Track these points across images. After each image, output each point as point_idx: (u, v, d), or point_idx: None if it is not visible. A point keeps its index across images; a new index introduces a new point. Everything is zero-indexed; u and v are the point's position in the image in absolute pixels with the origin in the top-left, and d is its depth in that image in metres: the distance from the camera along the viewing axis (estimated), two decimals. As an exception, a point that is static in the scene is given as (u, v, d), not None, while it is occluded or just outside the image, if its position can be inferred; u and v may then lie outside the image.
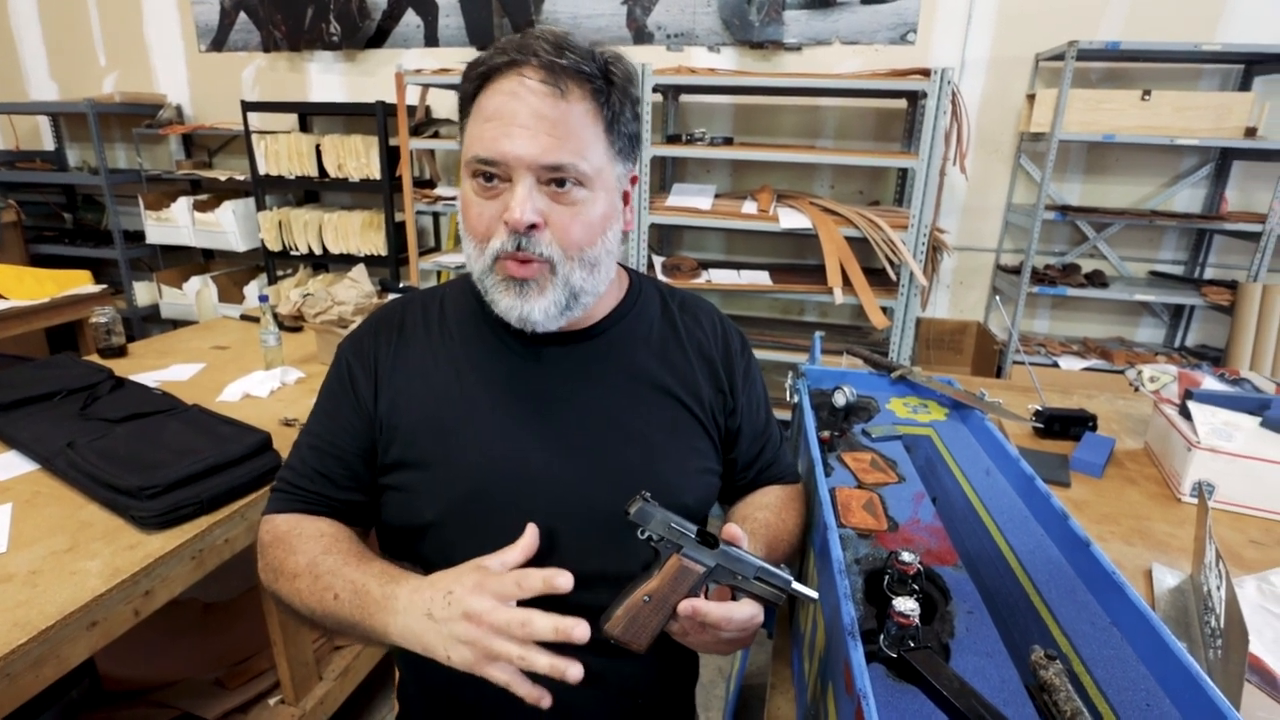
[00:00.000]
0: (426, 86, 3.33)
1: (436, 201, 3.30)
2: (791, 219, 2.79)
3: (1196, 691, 0.62)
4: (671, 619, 0.74)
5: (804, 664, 0.92)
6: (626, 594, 0.74)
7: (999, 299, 3.21)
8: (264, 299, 2.07)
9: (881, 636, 0.71)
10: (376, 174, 3.41)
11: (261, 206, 3.69)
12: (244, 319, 2.69)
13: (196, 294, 3.90)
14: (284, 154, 3.54)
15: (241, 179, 3.79)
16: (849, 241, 2.79)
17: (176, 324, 3.81)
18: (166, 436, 1.51)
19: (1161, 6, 2.84)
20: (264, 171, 3.60)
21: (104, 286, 3.26)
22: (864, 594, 0.80)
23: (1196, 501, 1.34)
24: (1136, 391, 1.71)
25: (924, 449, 1.21)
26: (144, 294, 4.07)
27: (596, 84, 0.78)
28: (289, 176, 3.57)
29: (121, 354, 2.20)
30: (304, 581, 0.81)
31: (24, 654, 1.03)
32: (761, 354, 2.92)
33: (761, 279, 2.99)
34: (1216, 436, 1.36)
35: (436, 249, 3.80)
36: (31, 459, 1.51)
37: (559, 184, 0.78)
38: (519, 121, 0.75)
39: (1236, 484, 1.33)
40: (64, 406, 1.67)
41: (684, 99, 3.42)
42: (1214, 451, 1.34)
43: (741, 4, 3.17)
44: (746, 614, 0.74)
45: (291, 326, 2.41)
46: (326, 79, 3.84)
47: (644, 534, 0.74)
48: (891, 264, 2.72)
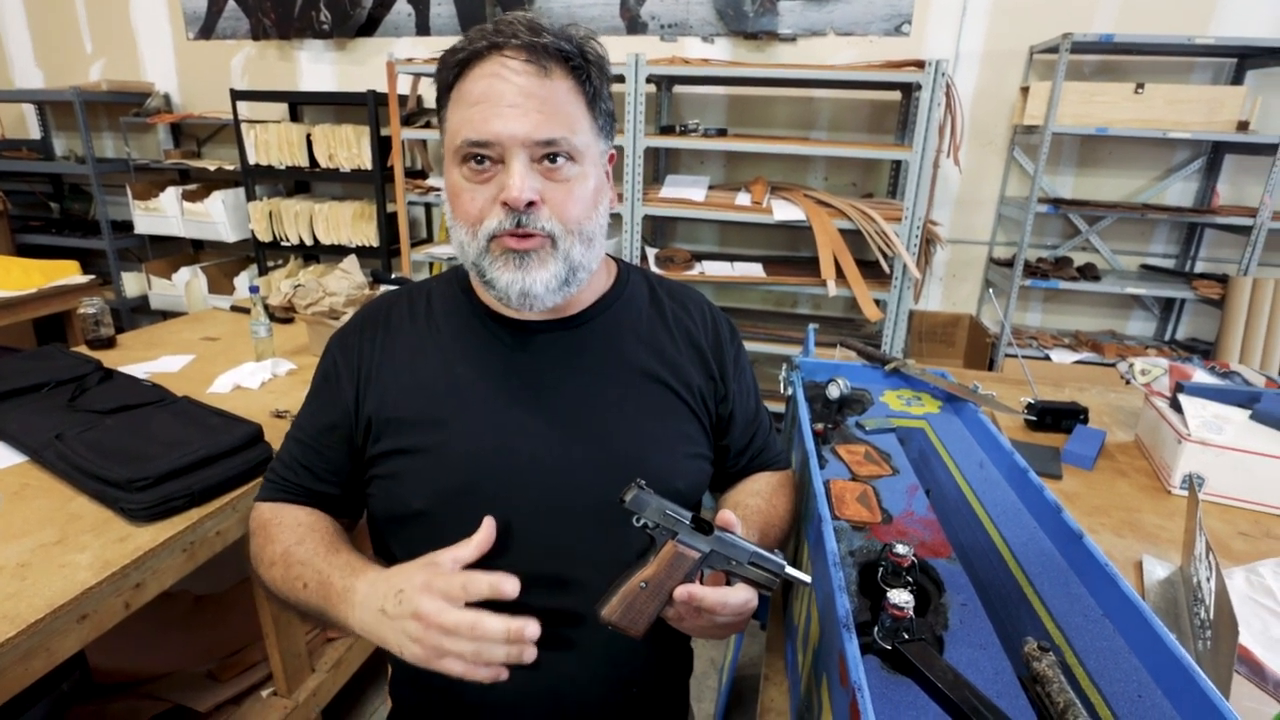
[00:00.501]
0: (418, 76, 3.31)
1: (429, 192, 3.28)
2: (785, 211, 2.79)
3: (1188, 683, 0.62)
4: (667, 605, 0.74)
5: (798, 655, 0.92)
6: (622, 580, 0.75)
7: (991, 292, 3.22)
8: (254, 290, 2.05)
9: (876, 629, 0.71)
10: (368, 164, 3.39)
11: (251, 197, 3.66)
12: (234, 310, 2.67)
13: (186, 285, 3.87)
14: (274, 144, 3.51)
15: (231, 169, 3.76)
16: (842, 234, 2.79)
17: (166, 315, 3.80)
18: (156, 428, 1.50)
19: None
20: (254, 161, 3.57)
21: (92, 277, 3.24)
22: (858, 586, 0.80)
23: (1187, 494, 1.35)
24: (1128, 384, 1.72)
25: (917, 441, 1.21)
26: (132, 285, 4.04)
27: (576, 62, 0.79)
28: (279, 166, 3.55)
29: (110, 345, 2.18)
30: (278, 570, 0.84)
31: (13, 647, 1.02)
32: (755, 346, 2.93)
33: (755, 271, 2.99)
34: (1207, 429, 1.36)
35: (429, 240, 3.78)
36: (19, 451, 1.49)
37: (550, 160, 0.78)
38: (507, 101, 0.75)
39: (1226, 476, 1.34)
40: (52, 398, 1.65)
41: (678, 90, 3.41)
42: (1204, 444, 1.34)
43: (735, -6, 3.16)
44: (741, 598, 0.75)
45: (282, 318, 2.40)
46: (317, 68, 3.81)
47: (639, 521, 0.74)
48: (885, 256, 2.72)
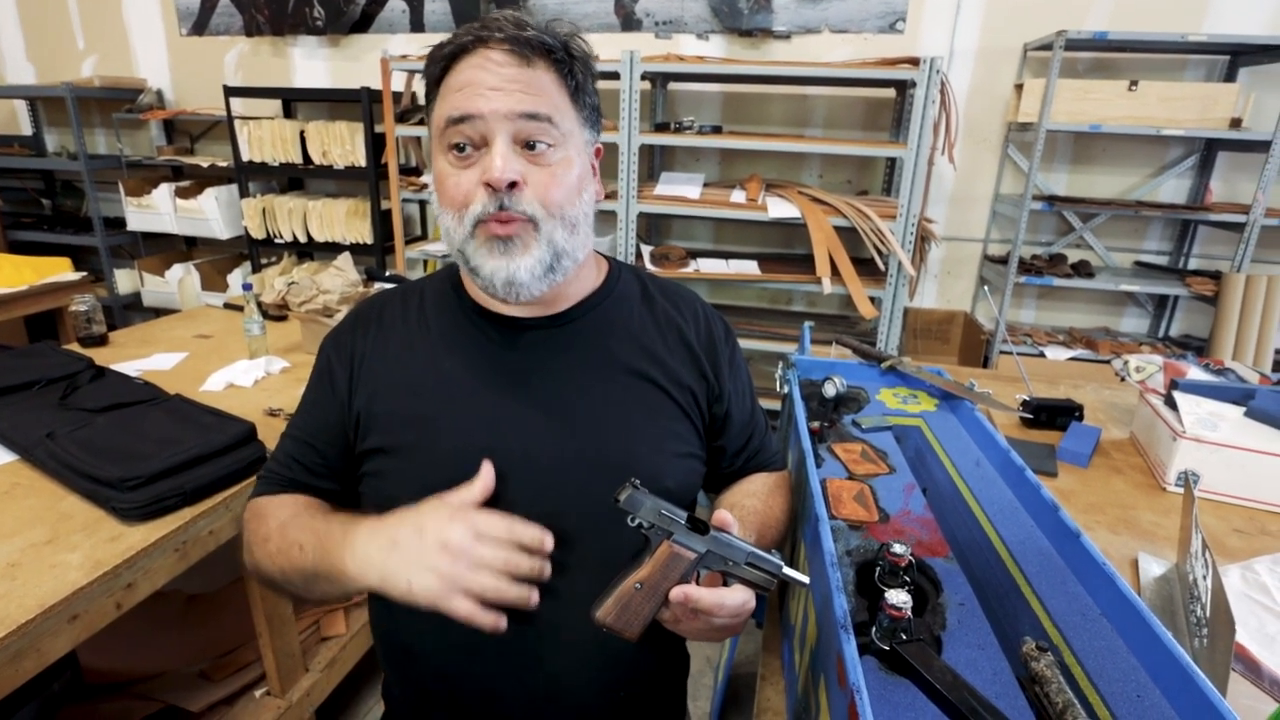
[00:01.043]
0: (412, 73, 3.29)
1: (423, 189, 3.27)
2: (780, 208, 2.78)
3: (1187, 682, 0.62)
4: (663, 606, 0.73)
5: (794, 655, 0.92)
6: (617, 582, 0.74)
7: (986, 289, 3.22)
8: (248, 287, 2.04)
9: (873, 629, 0.70)
10: (362, 161, 3.38)
11: (245, 193, 3.64)
12: (227, 307, 2.65)
13: (179, 282, 3.85)
14: (267, 140, 3.49)
15: (224, 165, 3.74)
16: (837, 231, 2.79)
17: (159, 312, 3.77)
18: (148, 427, 1.49)
19: (1149, -3, 2.85)
20: (247, 158, 3.55)
21: (84, 274, 3.22)
22: (855, 586, 0.80)
23: (1182, 491, 1.35)
24: (1122, 381, 1.72)
25: (914, 439, 1.21)
26: (125, 282, 4.01)
27: (559, 55, 0.81)
28: (273, 163, 3.53)
29: (102, 343, 2.17)
30: (274, 543, 0.85)
31: (3, 648, 1.01)
32: (750, 344, 2.93)
33: (750, 268, 2.99)
34: (1201, 426, 1.36)
35: (423, 237, 3.77)
36: (10, 450, 1.48)
37: (531, 146, 0.78)
38: (490, 84, 0.77)
39: (1221, 473, 1.34)
40: (43, 396, 1.64)
41: (672, 87, 3.40)
42: (1199, 441, 1.34)
43: (730, -9, 3.16)
44: (738, 600, 0.73)
45: (276, 315, 2.39)
46: (310, 64, 3.79)
47: (634, 521, 0.74)
48: (880, 254, 2.72)
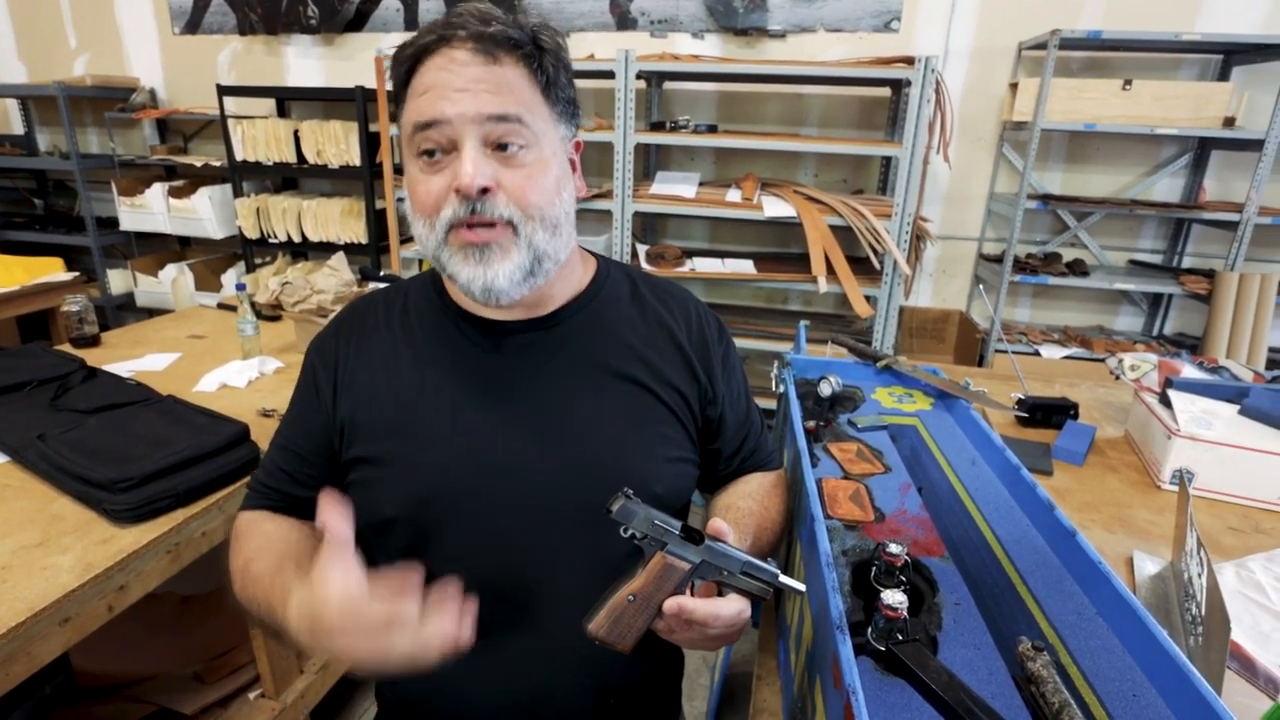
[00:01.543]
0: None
1: (416, 189, 3.25)
2: (775, 207, 2.78)
3: (1182, 681, 0.62)
4: (657, 617, 0.72)
5: (790, 655, 0.92)
6: (610, 594, 0.72)
7: (981, 287, 3.23)
8: (241, 287, 2.03)
9: (869, 629, 0.70)
10: (356, 160, 3.36)
11: (239, 193, 3.63)
12: (221, 308, 2.64)
13: (172, 282, 3.83)
14: (261, 140, 3.48)
15: (218, 165, 3.72)
16: (833, 230, 2.79)
17: (152, 313, 3.75)
18: (141, 428, 1.48)
19: (1143, -4, 2.86)
20: (241, 157, 3.54)
21: (76, 274, 3.21)
22: (851, 586, 0.80)
23: (1177, 489, 1.35)
24: (1117, 380, 1.73)
25: (909, 438, 1.21)
26: (118, 282, 4.00)
27: (526, 49, 0.77)
28: (267, 163, 3.52)
29: (94, 343, 2.16)
30: (239, 585, 0.83)
31: (-6, 651, 1.01)
32: (746, 343, 2.93)
33: (745, 268, 2.99)
34: (1196, 424, 1.37)
35: (417, 237, 3.76)
36: (0, 451, 1.47)
37: (503, 148, 0.75)
38: (456, 86, 0.73)
39: (1215, 471, 1.34)
40: (34, 397, 1.63)
41: (668, 86, 3.40)
42: (1193, 439, 1.35)
43: (725, -10, 3.15)
44: (733, 610, 0.72)
45: (270, 315, 2.37)
46: (304, 63, 3.77)
47: (627, 532, 0.72)
48: (875, 252, 2.72)
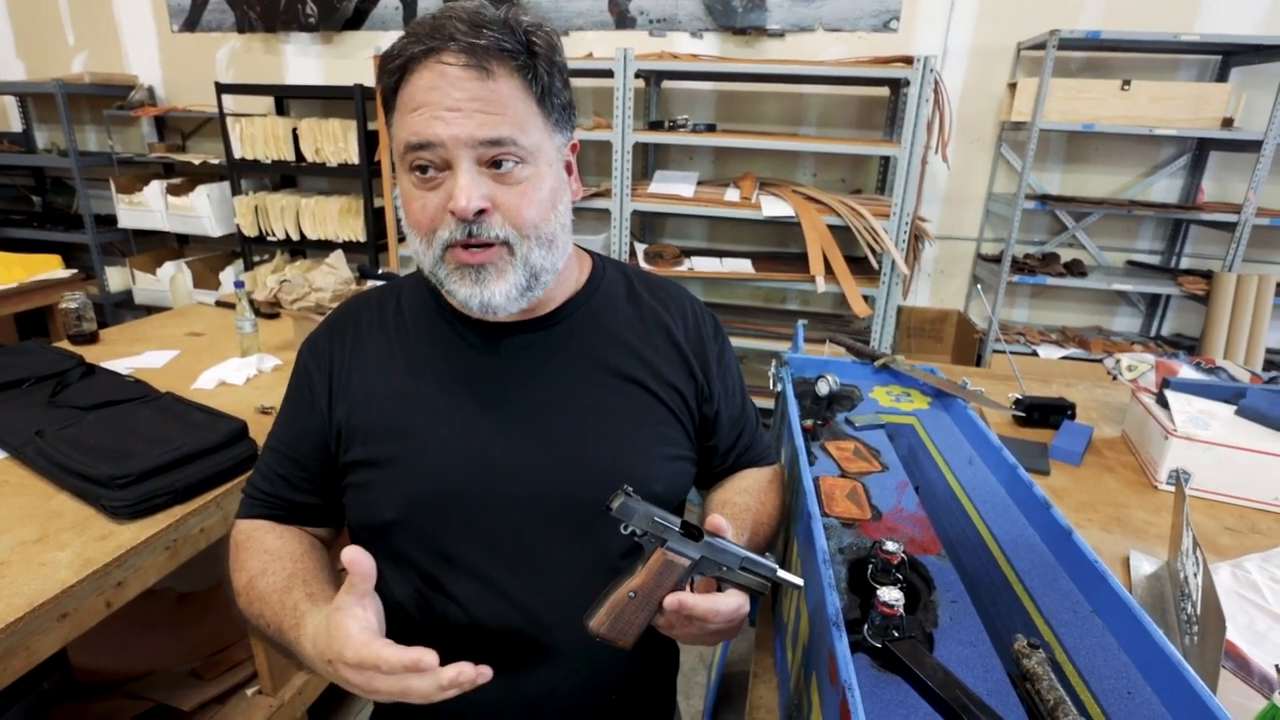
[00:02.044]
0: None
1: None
2: (774, 207, 2.78)
3: (1177, 679, 0.62)
4: (657, 613, 0.72)
5: (787, 653, 0.92)
6: (610, 591, 0.73)
7: (979, 288, 3.23)
8: (240, 285, 2.03)
9: (866, 626, 0.70)
10: (355, 159, 3.36)
11: (237, 191, 3.63)
12: (219, 305, 2.64)
13: (170, 279, 3.83)
14: (260, 137, 3.48)
15: (216, 163, 3.72)
16: (831, 229, 2.79)
17: (150, 310, 3.74)
18: (139, 425, 1.48)
19: (1141, -3, 2.86)
20: (239, 155, 3.53)
21: (74, 271, 3.20)
22: (848, 583, 0.80)
23: (1173, 489, 1.35)
24: (1114, 380, 1.73)
25: (907, 437, 1.21)
26: (116, 279, 3.99)
27: (520, 59, 0.74)
28: (265, 160, 3.51)
29: (93, 340, 2.16)
30: (243, 600, 0.83)
31: (-8, 647, 1.01)
32: (744, 342, 2.93)
33: (744, 267, 2.99)
34: (1193, 425, 1.37)
35: (416, 235, 3.76)
36: (-1, 448, 1.47)
37: (497, 165, 0.74)
38: (448, 105, 0.72)
39: (1212, 471, 1.34)
40: (33, 394, 1.63)
41: (666, 85, 3.40)
42: (1190, 439, 1.35)
43: (725, -11, 3.16)
44: (733, 605, 0.73)
45: (268, 313, 2.38)
46: (303, 61, 3.77)
47: (627, 529, 0.73)
48: (873, 252, 2.72)
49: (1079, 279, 2.97)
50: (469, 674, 0.64)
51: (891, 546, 0.76)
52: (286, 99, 3.83)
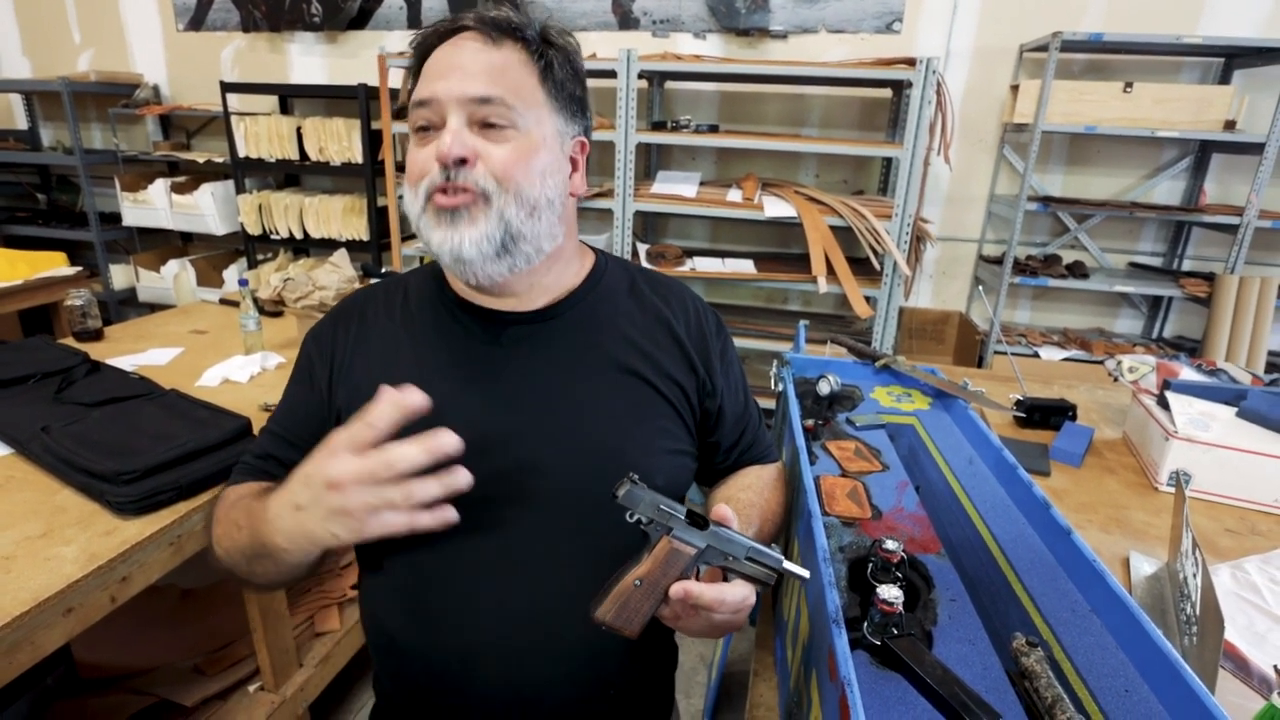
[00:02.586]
0: (409, 69, 3.29)
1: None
2: (776, 207, 2.79)
3: (1175, 678, 0.62)
4: (663, 603, 0.72)
5: (787, 651, 0.93)
6: (615, 579, 0.73)
7: (981, 289, 3.24)
8: (244, 283, 2.04)
9: (865, 624, 0.71)
10: (358, 158, 3.37)
11: (241, 189, 3.64)
12: (223, 303, 2.65)
13: (174, 277, 3.84)
14: (264, 136, 3.49)
15: (221, 161, 3.73)
16: (833, 230, 2.79)
17: (154, 308, 3.76)
18: (144, 421, 1.49)
19: (1144, -1, 2.86)
20: (243, 154, 3.54)
21: (79, 269, 3.21)
22: (848, 582, 0.80)
23: (1174, 490, 1.36)
24: (1115, 382, 1.73)
25: (907, 437, 1.21)
26: (120, 277, 4.00)
27: (528, 34, 0.81)
28: (269, 159, 3.52)
29: (97, 337, 2.17)
30: (221, 527, 0.84)
31: (-2, 641, 1.02)
32: (746, 342, 2.94)
33: (746, 267, 2.99)
34: (1193, 426, 1.37)
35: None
36: (4, 443, 1.48)
37: (489, 125, 0.79)
38: (453, 66, 0.79)
39: (1212, 473, 1.35)
40: (38, 390, 1.64)
41: (669, 85, 3.40)
42: (1191, 441, 1.35)
43: (728, -10, 3.16)
44: (739, 595, 0.72)
45: (272, 311, 2.38)
46: (307, 60, 3.78)
47: (633, 517, 0.72)
48: (875, 253, 2.73)
49: (1081, 281, 2.97)
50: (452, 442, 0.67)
51: (891, 545, 0.77)
52: (291, 98, 3.84)
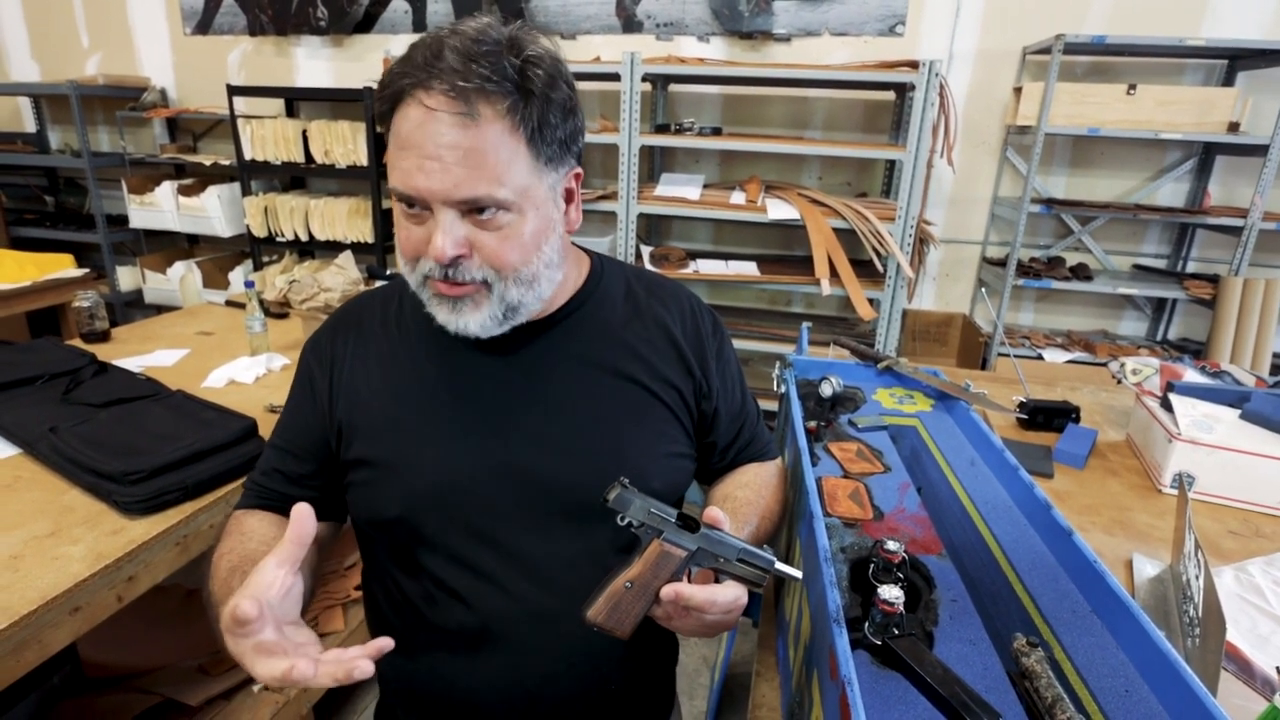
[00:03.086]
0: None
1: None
2: (779, 210, 2.79)
3: (1175, 678, 0.63)
4: (655, 604, 0.73)
5: (789, 651, 0.93)
6: (608, 581, 0.74)
7: (984, 291, 3.23)
8: (250, 285, 2.05)
9: (866, 624, 0.71)
10: (364, 160, 3.38)
11: (247, 192, 3.65)
12: (229, 305, 2.67)
13: (181, 279, 3.86)
14: (270, 139, 3.50)
15: (227, 164, 3.75)
16: (836, 233, 2.79)
17: (160, 309, 3.78)
18: (150, 422, 1.50)
19: (1147, 1, 2.86)
20: (250, 157, 3.56)
21: (86, 271, 3.24)
22: (849, 582, 0.81)
23: (1177, 492, 1.36)
24: (1119, 384, 1.73)
25: (909, 439, 1.22)
26: (127, 279, 4.02)
27: (511, 99, 0.72)
28: (275, 162, 3.54)
29: (105, 339, 2.18)
30: (211, 578, 0.83)
31: (6, 639, 1.02)
32: (749, 344, 2.94)
33: (749, 270, 3.00)
34: (1197, 428, 1.37)
35: (424, 236, 3.78)
36: (13, 443, 1.49)
37: (479, 211, 0.75)
38: (428, 153, 0.71)
39: (1216, 475, 1.35)
40: (46, 391, 1.65)
41: (673, 88, 3.41)
42: (1194, 443, 1.35)
43: (732, -7, 3.17)
44: (730, 596, 0.73)
45: (277, 313, 2.40)
46: (313, 64, 3.80)
47: (624, 520, 0.74)
48: (878, 256, 2.73)
49: (1085, 283, 2.97)
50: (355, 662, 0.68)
51: (893, 546, 0.77)
52: (296, 101, 3.85)
